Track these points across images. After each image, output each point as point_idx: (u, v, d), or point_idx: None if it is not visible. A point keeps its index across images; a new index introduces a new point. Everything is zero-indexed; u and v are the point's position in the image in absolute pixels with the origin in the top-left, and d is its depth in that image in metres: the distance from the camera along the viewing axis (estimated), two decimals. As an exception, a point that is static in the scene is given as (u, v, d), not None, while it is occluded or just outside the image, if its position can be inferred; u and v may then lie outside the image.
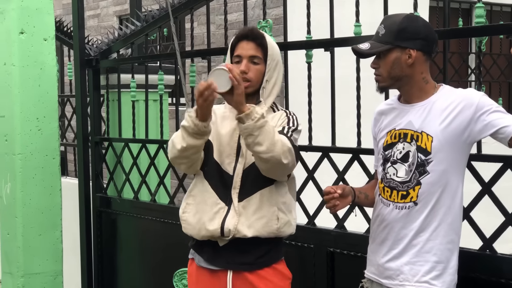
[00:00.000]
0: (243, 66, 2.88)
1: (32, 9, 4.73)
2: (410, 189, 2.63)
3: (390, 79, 2.66)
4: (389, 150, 2.71)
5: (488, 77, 9.14)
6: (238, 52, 2.93)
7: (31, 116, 4.76)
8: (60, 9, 12.56)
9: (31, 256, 4.81)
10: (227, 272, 2.92)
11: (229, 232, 2.86)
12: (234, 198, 2.90)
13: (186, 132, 2.79)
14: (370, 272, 2.80)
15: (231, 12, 8.26)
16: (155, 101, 5.20)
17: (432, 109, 2.62)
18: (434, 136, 2.58)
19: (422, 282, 2.60)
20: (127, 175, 4.86)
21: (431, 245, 2.61)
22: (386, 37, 2.63)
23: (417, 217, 2.61)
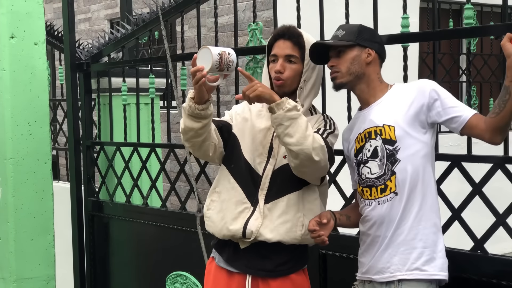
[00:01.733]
0: (278, 65, 2.87)
1: (23, 13, 4.72)
2: (387, 181, 2.68)
3: (349, 75, 2.76)
4: (360, 154, 2.78)
5: (479, 77, 9.18)
6: (274, 51, 2.90)
7: (22, 121, 4.74)
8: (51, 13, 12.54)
9: (23, 261, 4.80)
10: (245, 276, 2.88)
11: (251, 233, 2.82)
12: (260, 199, 2.85)
13: (184, 113, 2.79)
14: (361, 273, 2.81)
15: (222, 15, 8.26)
16: (146, 105, 5.20)
17: (388, 103, 2.74)
18: (395, 125, 2.68)
19: (413, 270, 2.63)
20: (119, 178, 4.86)
21: (415, 231, 2.65)
22: (347, 36, 2.76)
23: (399, 206, 2.66)
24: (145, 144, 4.79)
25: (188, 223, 4.17)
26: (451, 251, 2.96)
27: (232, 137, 2.95)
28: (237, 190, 2.89)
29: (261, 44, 3.85)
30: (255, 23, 3.88)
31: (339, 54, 2.77)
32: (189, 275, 4.21)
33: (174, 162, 8.02)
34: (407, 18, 3.20)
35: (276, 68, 2.87)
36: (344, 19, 3.47)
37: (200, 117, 2.75)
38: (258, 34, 3.84)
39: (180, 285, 4.25)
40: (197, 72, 2.66)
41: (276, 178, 2.86)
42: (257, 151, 2.90)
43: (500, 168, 2.89)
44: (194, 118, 2.76)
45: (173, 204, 6.57)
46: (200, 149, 2.89)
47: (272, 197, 2.85)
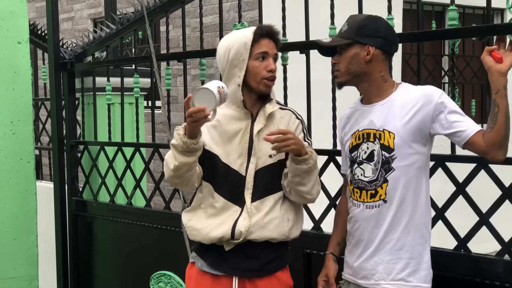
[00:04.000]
0: (272, 64, 2.87)
1: (6, 12, 4.69)
2: (378, 187, 2.66)
3: (348, 74, 2.71)
4: (355, 152, 2.75)
5: (461, 79, 9.23)
6: (266, 49, 2.87)
7: (5, 120, 4.71)
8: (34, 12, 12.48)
9: (6, 260, 4.77)
10: (232, 278, 2.87)
11: (240, 234, 2.82)
12: (247, 198, 2.86)
13: (176, 151, 2.74)
14: (347, 274, 2.82)
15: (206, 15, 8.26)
16: (130, 104, 5.19)
17: (392, 107, 2.67)
18: (395, 133, 2.62)
19: (397, 280, 2.63)
20: (103, 178, 4.84)
21: (403, 242, 2.64)
22: (347, 33, 2.70)
23: (388, 215, 2.65)
24: (129, 143, 4.79)
25: (172, 222, 4.17)
26: (434, 250, 2.97)
27: (207, 153, 2.89)
28: (223, 202, 2.88)
29: (246, 44, 3.84)
30: (240, 23, 3.88)
31: (340, 52, 2.73)
32: (173, 274, 4.21)
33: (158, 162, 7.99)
34: (392, 19, 3.21)
35: (272, 66, 2.86)
36: (329, 19, 3.48)
37: (194, 150, 2.75)
38: (243, 34, 3.85)
39: (164, 284, 4.25)
40: (197, 112, 2.61)
41: (261, 177, 2.86)
42: (236, 153, 2.88)
43: (484, 168, 2.91)
44: (188, 153, 2.74)
45: (157, 204, 6.57)
46: (189, 182, 2.88)
47: (258, 196, 2.86)
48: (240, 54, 2.85)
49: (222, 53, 2.91)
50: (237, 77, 2.86)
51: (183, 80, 4.35)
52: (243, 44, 2.85)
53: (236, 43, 2.86)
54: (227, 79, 2.90)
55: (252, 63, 2.85)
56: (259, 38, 2.86)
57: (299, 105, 3.71)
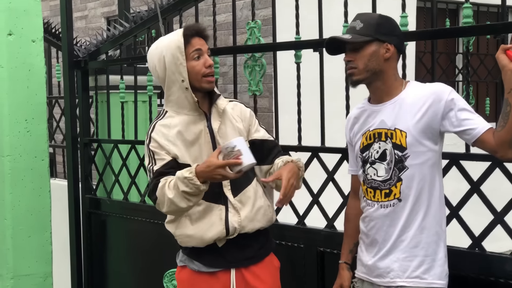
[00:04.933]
0: (210, 60, 2.91)
1: (20, 10, 4.72)
2: (392, 186, 2.66)
3: (366, 71, 2.67)
4: (366, 152, 2.74)
5: (475, 77, 9.18)
6: (199, 46, 2.90)
7: (20, 118, 4.74)
8: (48, 10, 12.52)
9: (20, 258, 4.80)
10: (229, 271, 2.92)
11: (234, 230, 2.88)
12: (228, 195, 2.90)
13: (191, 196, 2.75)
14: (361, 272, 2.81)
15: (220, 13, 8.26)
16: (144, 102, 5.19)
17: (402, 105, 2.65)
18: (407, 131, 2.62)
19: (413, 278, 2.63)
20: (117, 176, 4.86)
21: (418, 240, 2.64)
22: (365, 30, 2.65)
23: (402, 213, 2.64)
24: (143, 141, 4.77)
25: (185, 220, 4.17)
26: (449, 249, 2.96)
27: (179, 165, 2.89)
28: (205, 205, 2.90)
29: (260, 42, 3.85)
30: (253, 21, 3.88)
31: (357, 49, 2.67)
32: (186, 272, 4.21)
33: (170, 160, 8.01)
34: (406, 16, 3.20)
35: (210, 62, 2.89)
36: (343, 17, 3.47)
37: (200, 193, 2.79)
38: (256, 32, 3.84)
39: (178, 282, 4.25)
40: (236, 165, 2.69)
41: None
42: (203, 155, 2.90)
43: (498, 166, 2.90)
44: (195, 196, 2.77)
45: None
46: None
47: (238, 190, 2.92)
48: (177, 59, 2.87)
49: (157, 62, 2.92)
50: (180, 82, 2.88)
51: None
52: (177, 48, 2.86)
53: (169, 49, 2.88)
54: (168, 86, 2.92)
55: (189, 64, 2.88)
56: (189, 39, 2.89)
57: (312, 103, 3.72)
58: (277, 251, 3.19)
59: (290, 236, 3.65)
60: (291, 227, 3.68)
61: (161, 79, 2.95)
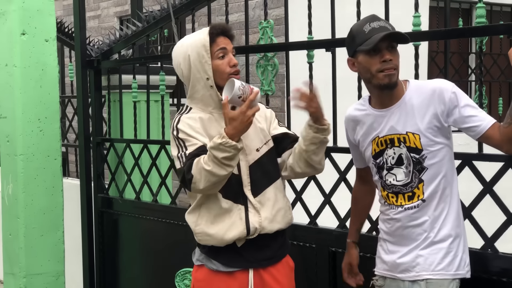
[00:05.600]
0: (234, 59, 2.92)
1: (33, 10, 4.74)
2: (414, 188, 2.66)
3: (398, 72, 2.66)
4: (380, 158, 2.74)
5: (488, 77, 9.14)
6: (224, 45, 2.91)
7: (33, 117, 4.76)
8: (61, 10, 12.56)
9: (33, 256, 4.82)
10: (247, 271, 2.91)
11: (255, 230, 2.87)
12: (248, 195, 2.90)
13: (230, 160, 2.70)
14: (383, 269, 2.81)
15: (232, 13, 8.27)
16: (156, 102, 5.20)
17: (408, 108, 2.65)
18: (419, 133, 2.62)
19: (438, 270, 2.64)
20: (129, 175, 4.87)
21: (443, 234, 2.65)
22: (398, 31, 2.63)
23: (428, 213, 2.66)
24: (155, 141, 4.80)
25: (197, 220, 4.17)
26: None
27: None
28: (225, 202, 2.88)
29: (272, 42, 3.85)
30: (266, 21, 3.88)
31: (393, 49, 2.63)
32: (198, 272, 4.21)
33: (182, 160, 8.03)
34: (419, 16, 3.19)
35: (234, 61, 2.90)
36: (355, 17, 3.46)
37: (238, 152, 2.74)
38: (269, 32, 3.84)
39: (189, 281, 4.26)
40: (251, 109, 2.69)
41: (254, 171, 2.92)
42: None
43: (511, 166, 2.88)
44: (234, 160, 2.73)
45: (182, 201, 6.58)
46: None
47: (258, 190, 2.92)
48: (202, 57, 2.87)
49: (181, 60, 2.93)
50: (205, 80, 2.88)
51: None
52: (202, 46, 2.87)
53: (194, 47, 2.89)
54: (193, 84, 2.92)
55: (214, 63, 2.88)
56: (215, 38, 2.90)
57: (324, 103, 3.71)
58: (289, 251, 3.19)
59: (302, 236, 3.65)
60: (303, 227, 3.68)
61: (185, 77, 2.95)
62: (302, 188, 3.68)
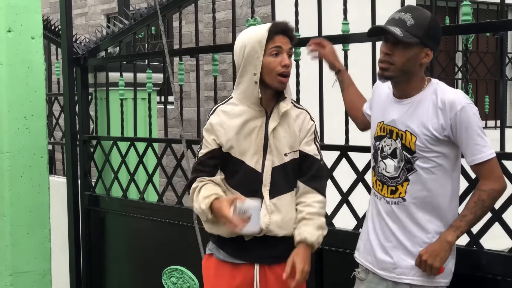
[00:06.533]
0: (287, 59, 2.88)
1: (20, 7, 4.72)
2: (398, 185, 2.67)
3: (400, 71, 2.62)
4: (378, 142, 2.76)
5: (475, 75, 9.19)
6: (280, 44, 2.88)
7: (19, 115, 4.74)
8: (47, 7, 12.52)
9: (19, 254, 4.80)
10: (253, 265, 2.94)
11: (261, 230, 2.87)
12: (265, 195, 2.90)
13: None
14: (366, 261, 2.82)
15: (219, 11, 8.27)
16: (143, 100, 5.20)
17: (417, 109, 2.63)
18: (417, 136, 2.61)
19: (419, 276, 2.64)
20: (116, 173, 4.86)
21: (423, 240, 2.64)
22: (416, 30, 2.57)
23: (406, 213, 2.65)
24: (142, 138, 4.79)
25: (184, 217, 4.18)
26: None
27: (225, 156, 2.95)
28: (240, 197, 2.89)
29: (259, 39, 3.84)
30: (253, 18, 3.88)
31: (398, 45, 2.59)
32: (185, 269, 4.22)
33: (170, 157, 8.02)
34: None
35: (286, 61, 2.87)
36: (342, 14, 3.47)
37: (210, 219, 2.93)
38: (256, 29, 3.85)
39: (176, 279, 4.26)
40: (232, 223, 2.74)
41: (278, 174, 2.91)
42: (251, 150, 2.91)
43: (496, 164, 2.89)
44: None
45: (169, 199, 6.58)
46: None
47: (276, 193, 2.91)
48: (255, 52, 2.86)
49: (238, 49, 2.94)
50: (252, 74, 2.88)
51: (195, 75, 4.35)
52: (258, 42, 2.86)
53: (251, 40, 2.89)
54: (241, 74, 2.93)
55: (266, 59, 2.86)
56: (273, 35, 2.88)
57: (311, 100, 3.71)
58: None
59: (288, 234, 3.65)
60: (290, 225, 3.67)
61: (237, 65, 2.97)
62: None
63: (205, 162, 2.96)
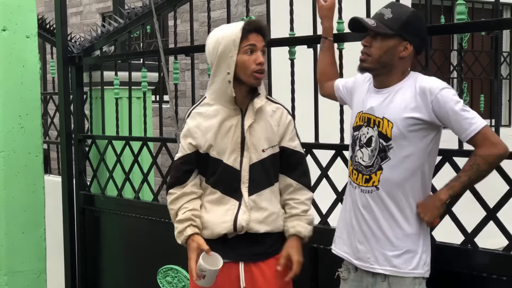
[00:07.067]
0: (261, 57, 2.91)
1: (14, 6, 4.70)
2: (372, 173, 2.70)
3: (377, 63, 2.69)
4: (357, 132, 2.80)
5: (470, 74, 9.20)
6: (253, 41, 2.91)
7: (14, 114, 4.73)
8: (42, 6, 12.49)
9: (14, 254, 4.79)
10: (238, 263, 2.97)
11: (242, 228, 2.93)
12: (244, 192, 2.95)
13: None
14: (343, 252, 2.87)
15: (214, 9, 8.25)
16: (138, 99, 5.19)
17: (395, 97, 2.68)
18: (393, 123, 2.64)
19: (391, 267, 2.68)
20: (111, 172, 4.85)
21: (396, 232, 2.68)
22: (392, 23, 2.65)
23: (379, 202, 2.69)
24: (137, 138, 4.79)
25: (179, 217, 4.17)
26: (441, 245, 2.99)
27: (203, 157, 3.00)
28: (220, 195, 2.98)
29: (254, 38, 3.84)
30: (248, 17, 3.88)
31: (376, 37, 2.68)
32: (180, 268, 4.21)
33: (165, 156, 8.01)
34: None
35: (261, 59, 2.90)
36: (337, 13, 3.47)
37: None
38: (251, 28, 3.85)
39: (171, 278, 4.26)
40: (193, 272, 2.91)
41: (256, 171, 2.96)
42: (229, 148, 2.95)
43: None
44: None
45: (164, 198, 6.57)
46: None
47: (255, 189, 2.95)
48: (229, 50, 2.89)
49: (211, 48, 2.96)
50: (226, 73, 2.91)
51: (191, 74, 4.34)
52: (232, 40, 2.89)
53: (225, 39, 2.91)
54: (214, 73, 2.97)
55: (241, 57, 2.89)
56: (247, 34, 2.91)
57: (306, 99, 3.72)
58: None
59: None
60: (285, 224, 3.68)
61: (211, 64, 3.00)
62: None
63: (178, 167, 3.05)
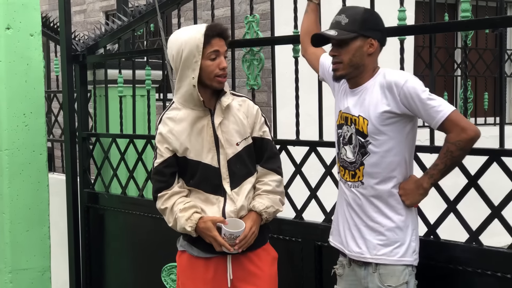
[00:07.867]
0: (224, 62, 3.02)
1: (18, 4, 4.71)
2: (356, 169, 2.81)
3: (350, 66, 2.78)
4: (340, 130, 2.90)
5: (474, 71, 9.17)
6: (217, 48, 3.00)
7: (18, 112, 4.73)
8: (46, 4, 12.50)
9: (18, 252, 4.80)
10: (225, 257, 3.05)
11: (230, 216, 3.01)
12: (226, 188, 3.04)
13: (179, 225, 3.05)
14: (338, 243, 2.96)
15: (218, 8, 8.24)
16: (142, 97, 5.19)
17: (367, 94, 2.77)
18: (368, 119, 2.73)
19: (380, 255, 2.76)
20: (115, 170, 4.85)
21: (383, 222, 2.76)
22: (350, 26, 2.75)
23: (366, 195, 2.79)
24: (141, 136, 4.79)
25: (184, 214, 4.17)
26: (446, 243, 2.99)
27: (181, 161, 3.07)
28: (205, 196, 3.07)
29: (258, 36, 3.85)
30: (252, 15, 3.87)
31: (341, 44, 2.77)
32: (184, 266, 4.21)
33: (169, 155, 8.04)
34: (404, 11, 3.20)
35: (224, 64, 3.00)
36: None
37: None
38: (255, 26, 3.84)
39: (176, 276, 4.26)
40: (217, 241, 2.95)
41: (234, 164, 3.05)
42: (205, 148, 3.04)
43: (496, 160, 2.90)
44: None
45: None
46: None
47: (237, 182, 3.06)
48: (193, 56, 2.97)
49: (175, 53, 3.02)
50: (191, 78, 3.00)
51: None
52: (195, 46, 2.97)
53: (188, 45, 2.98)
54: (180, 78, 3.05)
55: (204, 62, 2.98)
56: (210, 39, 2.99)
57: (310, 97, 3.72)
58: (275, 245, 3.24)
59: (288, 231, 3.66)
60: (289, 222, 3.68)
61: (175, 70, 3.08)
62: (288, 182, 3.68)
63: (161, 171, 3.09)
